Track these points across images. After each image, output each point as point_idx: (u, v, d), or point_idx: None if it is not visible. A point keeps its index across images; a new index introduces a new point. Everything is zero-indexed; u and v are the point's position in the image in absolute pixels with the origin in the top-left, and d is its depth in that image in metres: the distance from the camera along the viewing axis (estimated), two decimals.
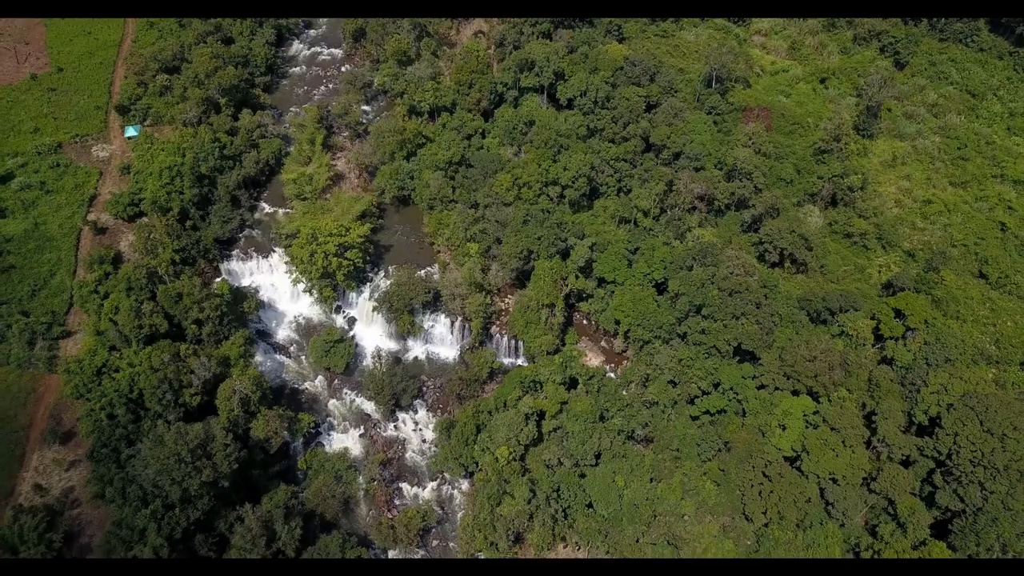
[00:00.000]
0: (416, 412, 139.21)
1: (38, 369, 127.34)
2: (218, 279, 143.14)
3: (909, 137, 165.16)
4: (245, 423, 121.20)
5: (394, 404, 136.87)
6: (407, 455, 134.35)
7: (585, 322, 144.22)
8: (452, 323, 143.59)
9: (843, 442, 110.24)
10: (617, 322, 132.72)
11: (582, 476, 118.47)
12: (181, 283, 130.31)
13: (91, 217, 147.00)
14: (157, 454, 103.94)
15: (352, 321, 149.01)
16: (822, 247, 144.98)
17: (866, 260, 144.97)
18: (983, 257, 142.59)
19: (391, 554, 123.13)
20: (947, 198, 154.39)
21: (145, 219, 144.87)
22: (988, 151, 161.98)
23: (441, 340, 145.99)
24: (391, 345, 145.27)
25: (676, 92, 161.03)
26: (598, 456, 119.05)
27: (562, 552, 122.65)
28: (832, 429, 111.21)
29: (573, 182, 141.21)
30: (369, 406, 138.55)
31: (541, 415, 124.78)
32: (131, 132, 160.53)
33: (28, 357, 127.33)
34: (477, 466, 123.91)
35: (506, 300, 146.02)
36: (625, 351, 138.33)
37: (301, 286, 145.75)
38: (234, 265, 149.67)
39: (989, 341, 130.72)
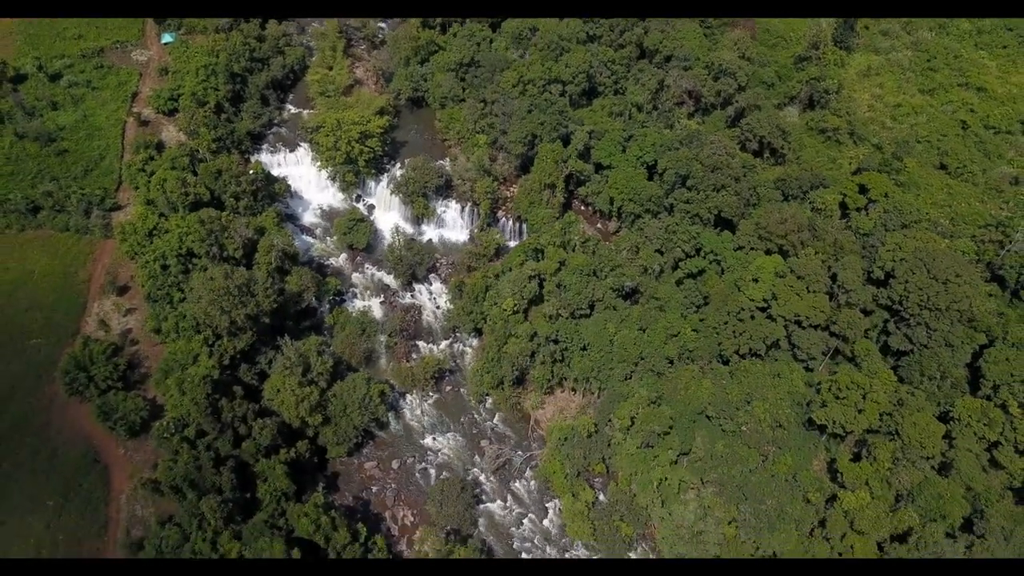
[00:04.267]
0: (431, 284, 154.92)
1: (94, 235, 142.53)
2: (252, 162, 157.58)
3: (883, 51, 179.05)
4: (280, 280, 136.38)
5: (411, 276, 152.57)
6: (423, 319, 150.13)
7: (583, 208, 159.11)
8: (462, 208, 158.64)
9: (807, 288, 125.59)
10: (612, 201, 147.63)
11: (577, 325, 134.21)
12: (220, 160, 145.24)
13: (134, 110, 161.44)
14: (208, 287, 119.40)
15: (371, 208, 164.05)
16: (798, 142, 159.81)
17: (838, 153, 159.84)
18: (944, 150, 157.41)
19: (408, 397, 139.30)
20: (915, 103, 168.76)
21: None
22: (956, 64, 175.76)
23: (452, 224, 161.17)
24: (407, 229, 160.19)
25: None
26: (592, 307, 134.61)
27: (560, 396, 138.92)
28: (798, 277, 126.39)
29: (574, 79, 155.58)
30: (388, 278, 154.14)
31: (543, 281, 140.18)
32: (167, 38, 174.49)
33: (85, 225, 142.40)
34: (485, 321, 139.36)
35: (511, 189, 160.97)
36: (618, 231, 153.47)
37: (325, 174, 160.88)
38: (264, 157, 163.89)
39: (944, 218, 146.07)
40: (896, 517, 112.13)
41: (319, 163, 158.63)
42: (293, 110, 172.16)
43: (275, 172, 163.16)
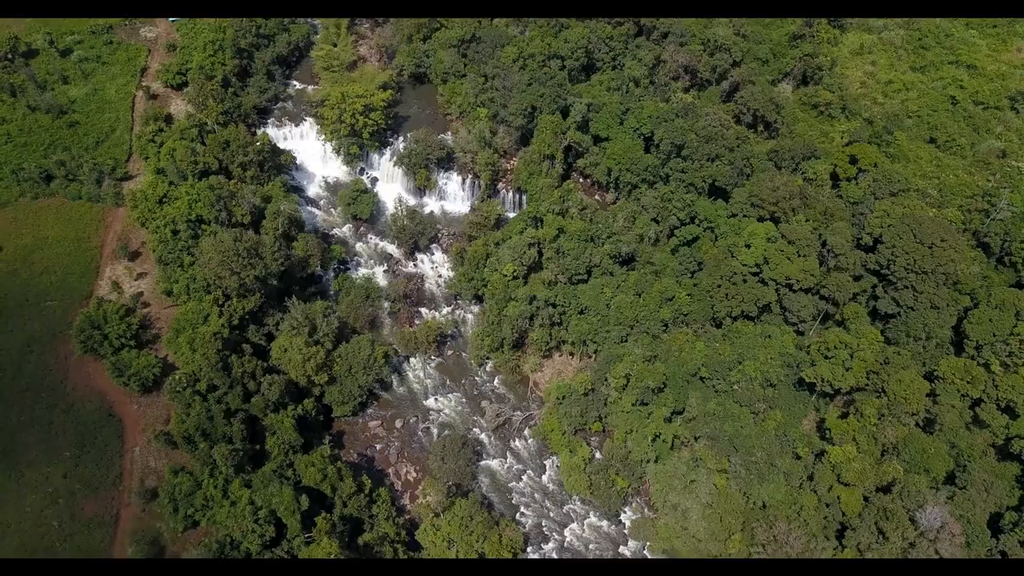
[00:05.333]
0: (433, 254, 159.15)
1: (106, 203, 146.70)
2: (258, 135, 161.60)
3: (876, 30, 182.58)
4: (287, 246, 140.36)
5: (413, 245, 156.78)
6: (425, 287, 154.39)
7: (581, 180, 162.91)
8: (463, 180, 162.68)
9: (798, 252, 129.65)
10: (609, 172, 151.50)
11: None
12: (228, 131, 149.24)
13: (144, 84, 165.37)
14: (218, 248, 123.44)
15: (374, 181, 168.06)
16: (791, 116, 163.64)
17: (830, 127, 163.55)
18: (934, 125, 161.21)
19: (411, 361, 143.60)
20: (907, 79, 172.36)
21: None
22: (947, 42, 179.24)
23: (453, 197, 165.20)
24: (409, 200, 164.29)
25: None
26: (589, 273, 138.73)
27: (558, 360, 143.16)
28: (789, 242, 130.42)
29: (572, 54, 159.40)
30: (391, 248, 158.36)
31: (542, 249, 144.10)
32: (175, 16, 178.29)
33: (97, 193, 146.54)
34: (486, 286, 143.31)
35: (511, 162, 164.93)
36: (616, 202, 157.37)
37: (329, 147, 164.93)
38: (269, 131, 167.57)
39: (933, 189, 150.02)
40: (881, 469, 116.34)
41: (324, 136, 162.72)
42: (298, 86, 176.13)
43: (281, 146, 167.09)
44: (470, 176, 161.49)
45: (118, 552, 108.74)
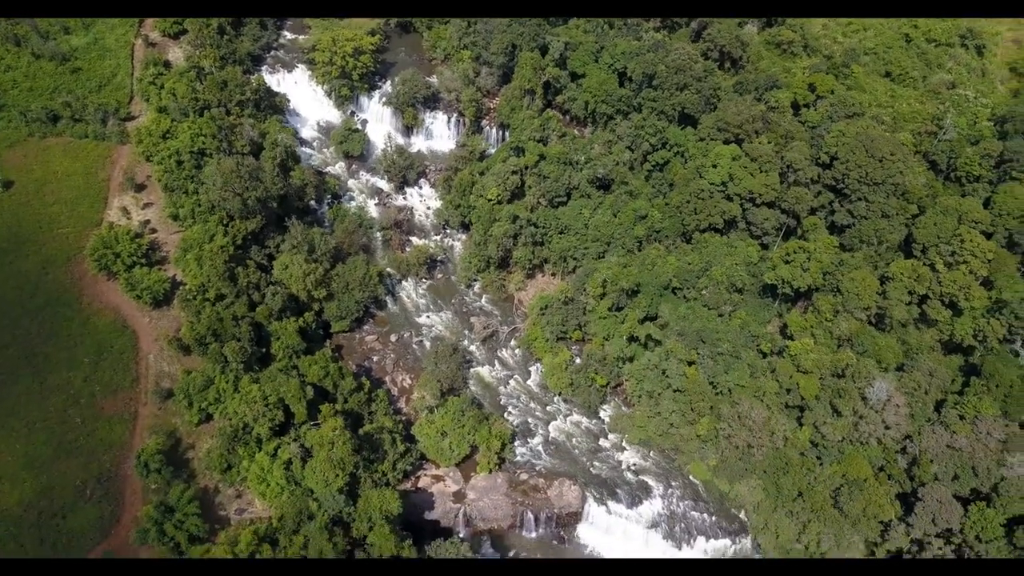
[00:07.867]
0: (421, 188, 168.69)
1: (111, 141, 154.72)
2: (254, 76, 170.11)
3: None
4: (285, 176, 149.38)
5: (402, 179, 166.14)
6: (415, 218, 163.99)
7: (560, 116, 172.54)
8: (449, 119, 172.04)
9: (760, 168, 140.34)
10: (586, 106, 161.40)
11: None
12: (225, 72, 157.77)
13: (142, 33, 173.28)
14: (221, 170, 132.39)
15: (364, 123, 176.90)
16: (756, 55, 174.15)
17: (792, 64, 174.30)
18: (889, 60, 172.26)
19: (404, 283, 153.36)
20: (865, 22, 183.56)
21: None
22: None
23: (439, 135, 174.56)
24: (398, 139, 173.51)
25: None
26: (568, 196, 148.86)
27: (540, 280, 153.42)
28: (752, 160, 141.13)
29: None
30: (382, 183, 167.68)
31: (524, 177, 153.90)
32: None
33: (102, 132, 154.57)
34: (471, 211, 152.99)
35: (494, 101, 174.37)
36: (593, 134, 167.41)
37: (321, 91, 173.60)
38: (263, 77, 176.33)
39: (887, 116, 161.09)
40: (836, 357, 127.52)
41: (316, 79, 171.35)
42: (289, 36, 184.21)
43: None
44: (455, 115, 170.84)
45: (138, 443, 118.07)
